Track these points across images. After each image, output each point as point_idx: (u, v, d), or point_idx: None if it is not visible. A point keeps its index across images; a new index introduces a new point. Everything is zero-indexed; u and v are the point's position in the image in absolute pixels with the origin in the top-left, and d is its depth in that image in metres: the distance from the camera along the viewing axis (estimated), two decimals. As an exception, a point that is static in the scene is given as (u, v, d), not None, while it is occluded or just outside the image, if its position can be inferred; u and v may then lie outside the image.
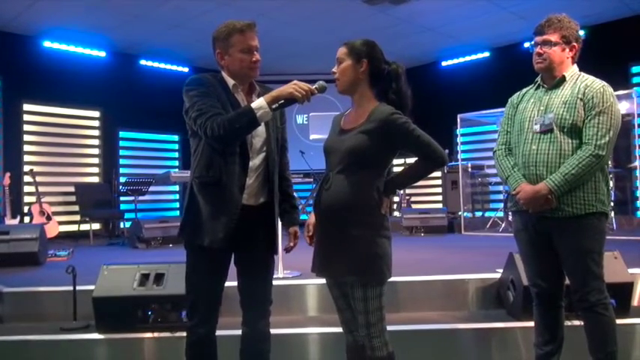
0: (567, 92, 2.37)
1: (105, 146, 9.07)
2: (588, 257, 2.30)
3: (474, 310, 3.63)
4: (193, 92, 2.15)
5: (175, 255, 5.56)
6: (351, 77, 2.09)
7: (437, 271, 4.03)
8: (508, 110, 2.61)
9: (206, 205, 2.14)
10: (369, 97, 2.11)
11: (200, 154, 2.17)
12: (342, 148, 2.05)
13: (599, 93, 2.30)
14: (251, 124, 2.08)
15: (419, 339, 3.19)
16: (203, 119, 2.06)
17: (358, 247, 1.97)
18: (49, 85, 8.22)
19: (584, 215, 2.29)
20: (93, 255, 6.01)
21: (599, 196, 2.31)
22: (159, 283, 3.30)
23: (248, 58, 2.21)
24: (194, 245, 2.17)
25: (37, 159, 8.28)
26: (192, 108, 2.11)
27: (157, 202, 9.48)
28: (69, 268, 3.43)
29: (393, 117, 2.00)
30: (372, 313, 1.99)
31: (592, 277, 2.30)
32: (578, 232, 2.30)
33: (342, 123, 2.16)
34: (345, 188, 2.01)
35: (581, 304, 2.34)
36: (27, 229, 5.31)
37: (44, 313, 3.64)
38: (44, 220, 7.28)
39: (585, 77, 2.39)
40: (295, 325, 3.38)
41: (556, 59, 2.39)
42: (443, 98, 9.54)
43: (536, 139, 2.39)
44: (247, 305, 2.29)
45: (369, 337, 2.00)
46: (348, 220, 1.99)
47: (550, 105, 2.39)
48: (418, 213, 7.96)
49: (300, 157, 8.41)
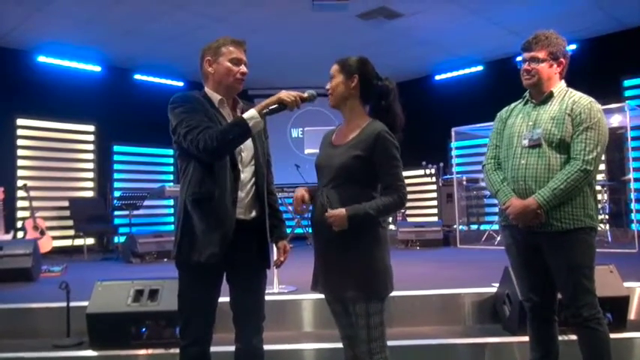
0: (555, 108, 2.40)
1: (99, 160, 9.05)
2: (579, 272, 2.31)
3: (469, 325, 3.61)
4: (179, 109, 2.15)
5: (170, 270, 5.49)
6: (342, 92, 2.11)
7: (432, 285, 4.02)
8: (497, 125, 2.63)
9: (200, 222, 2.13)
10: (360, 112, 2.13)
11: (191, 172, 2.16)
12: (334, 164, 2.06)
13: (587, 109, 2.33)
14: (244, 135, 2.09)
15: (415, 354, 3.18)
16: (194, 134, 2.06)
17: (359, 263, 1.97)
18: (43, 99, 8.21)
19: (573, 230, 2.31)
20: (87, 270, 5.96)
21: (587, 211, 2.34)
22: (153, 299, 3.27)
23: (236, 69, 2.24)
24: (188, 263, 2.15)
25: (31, 174, 8.25)
26: (180, 125, 2.11)
27: (151, 216, 9.43)
28: (62, 284, 3.39)
29: (383, 134, 2.02)
30: (374, 329, 2.00)
31: (584, 292, 2.31)
32: (568, 247, 2.32)
33: (333, 138, 2.18)
34: (341, 205, 2.01)
35: (574, 320, 2.34)
36: (20, 244, 5.27)
37: (37, 329, 3.60)
38: (38, 235, 7.24)
39: (573, 93, 2.43)
40: (290, 340, 3.35)
41: (544, 75, 2.43)
42: (437, 112, 9.58)
43: (525, 154, 2.41)
44: (240, 321, 2.27)
45: (369, 354, 2.00)
46: (345, 237, 1.99)
47: (538, 120, 2.42)
48: (413, 226, 7.96)
49: (295, 171, 8.41)
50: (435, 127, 9.08)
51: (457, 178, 8.37)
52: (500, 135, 2.58)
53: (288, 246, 2.39)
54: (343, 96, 2.12)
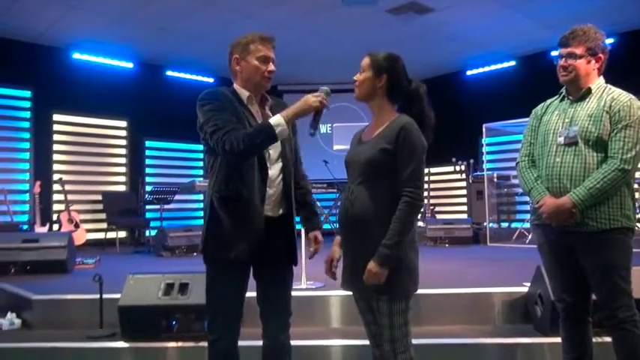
0: (593, 105, 2.33)
1: (131, 155, 9.23)
2: (615, 273, 2.24)
3: (499, 325, 3.55)
4: (207, 107, 2.16)
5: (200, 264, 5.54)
6: (368, 89, 2.10)
7: (462, 283, 3.96)
8: (532, 122, 2.57)
9: (228, 219, 2.14)
10: (388, 109, 2.11)
11: (218, 169, 2.18)
12: (361, 160, 2.05)
13: (627, 106, 2.25)
14: (270, 141, 2.10)
15: (443, 353, 3.14)
16: (220, 134, 2.08)
17: None
18: (78, 95, 8.41)
19: (609, 230, 2.24)
20: (119, 263, 6.09)
21: (624, 211, 2.27)
22: (183, 293, 3.32)
23: (264, 67, 2.24)
24: (217, 258, 2.17)
25: (66, 168, 8.47)
26: (207, 123, 2.13)
27: (181, 210, 9.57)
28: (96, 277, 3.48)
29: (408, 127, 1.99)
30: (398, 329, 1.98)
31: (620, 294, 2.24)
32: (603, 248, 2.25)
33: (362, 136, 2.16)
34: (367, 201, 2.00)
35: (610, 322, 2.28)
36: (56, 236, 5.40)
37: (71, 320, 3.70)
38: (72, 227, 7.42)
39: (612, 90, 2.35)
40: (318, 336, 3.35)
41: (581, 72, 2.35)
42: (468, 108, 9.44)
43: (560, 152, 2.35)
44: (267, 317, 2.29)
45: (393, 353, 1.99)
46: (373, 233, 1.97)
47: (575, 117, 2.35)
48: (442, 223, 7.87)
49: (323, 167, 8.41)
50: (466, 123, 8.95)
51: (488, 175, 8.24)
52: (534, 132, 2.52)
53: (320, 236, 2.39)
54: (369, 92, 2.10)
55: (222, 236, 2.15)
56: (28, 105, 8.17)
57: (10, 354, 3.30)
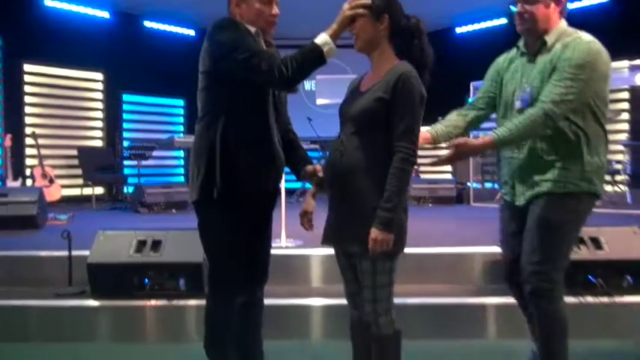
0: (546, 59, 2.06)
1: (108, 109, 8.92)
2: (549, 234, 2.03)
3: (481, 285, 3.50)
4: (227, 34, 1.91)
5: (177, 221, 5.50)
6: (370, 35, 1.90)
7: (444, 243, 3.91)
8: (491, 71, 2.35)
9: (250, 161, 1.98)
10: (389, 55, 1.93)
11: (231, 108, 1.97)
12: (356, 109, 1.88)
13: (574, 50, 1.98)
14: (319, 63, 1.90)
15: (424, 313, 3.10)
16: (262, 58, 1.85)
17: (371, 217, 1.80)
18: (50, 45, 8.01)
19: (562, 194, 2.03)
20: (94, 219, 5.92)
21: (585, 174, 2.03)
22: (156, 250, 3.19)
23: (267, 10, 2.02)
24: (230, 203, 1.98)
25: (39, 121, 8.16)
26: (236, 50, 1.86)
27: (160, 167, 9.38)
28: (64, 233, 3.34)
29: (407, 75, 1.82)
30: (380, 289, 1.86)
31: (544, 259, 2.03)
32: (548, 204, 2.04)
33: (360, 85, 1.99)
34: (358, 152, 1.85)
35: (526, 287, 2.08)
36: (26, 191, 5.22)
37: (41, 277, 3.56)
38: (46, 183, 7.19)
39: (568, 36, 2.06)
40: (298, 295, 3.27)
41: (540, 17, 2.07)
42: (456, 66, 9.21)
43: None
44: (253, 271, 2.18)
45: (374, 314, 1.88)
46: (364, 187, 1.84)
47: (529, 77, 2.10)
48: (426, 183, 7.80)
49: (307, 125, 8.22)
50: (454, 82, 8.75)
51: (473, 134, 8.12)
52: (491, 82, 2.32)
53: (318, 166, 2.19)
54: (372, 39, 1.91)
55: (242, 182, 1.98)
56: (-3, 54, 7.79)
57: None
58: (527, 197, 2.13)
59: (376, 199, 1.81)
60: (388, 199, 1.79)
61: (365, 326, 1.97)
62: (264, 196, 2.08)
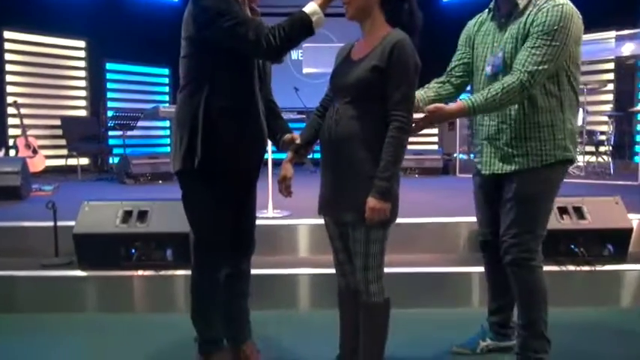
0: (517, 22, 2.02)
1: (91, 78, 8.76)
2: (525, 205, 2.04)
3: (466, 254, 3.55)
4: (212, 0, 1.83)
5: (163, 192, 5.47)
6: (362, 2, 1.87)
7: (430, 213, 3.94)
8: (463, 37, 2.31)
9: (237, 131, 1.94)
10: (381, 23, 1.90)
11: (217, 77, 1.91)
12: (352, 79, 1.86)
13: (548, 14, 1.93)
14: (307, 34, 1.86)
15: (410, 282, 3.14)
16: (249, 27, 1.79)
17: (367, 186, 1.81)
18: (31, 11, 7.77)
19: (539, 167, 2.04)
20: (79, 190, 5.87)
21: (558, 142, 2.03)
22: (142, 221, 3.18)
23: None
24: (218, 174, 1.96)
25: (21, 90, 7.98)
26: (221, 17, 1.79)
27: (146, 137, 9.27)
28: (49, 204, 3.31)
29: (402, 43, 1.81)
30: (373, 257, 1.88)
31: (522, 229, 2.05)
32: (524, 179, 2.05)
33: (351, 53, 1.96)
34: (353, 121, 1.84)
35: (505, 258, 2.10)
36: (8, 162, 5.15)
37: (26, 248, 3.53)
38: (30, 153, 7.09)
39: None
40: (285, 265, 3.29)
41: None
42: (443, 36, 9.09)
43: (488, 84, 2.06)
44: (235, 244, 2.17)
45: (365, 282, 1.90)
46: (359, 156, 1.84)
47: (501, 40, 2.07)
48: (413, 154, 7.78)
49: (293, 95, 8.14)
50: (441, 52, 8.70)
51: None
52: (464, 48, 2.28)
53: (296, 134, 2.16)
54: (364, 6, 1.88)
55: (224, 151, 1.94)
56: (-26, 21, 7.56)
57: (-41, 282, 3.15)
58: (499, 169, 2.13)
59: (372, 167, 1.82)
60: (385, 168, 1.80)
61: (353, 295, 2.00)
62: (248, 167, 2.06)
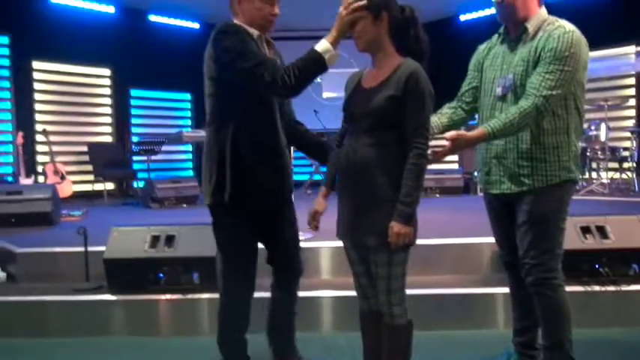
0: (527, 46, 2.09)
1: (117, 105, 8.99)
2: (540, 226, 2.09)
3: (489, 275, 3.55)
4: (231, 41, 1.94)
5: (188, 215, 5.58)
6: (372, 35, 1.93)
7: (452, 233, 3.94)
8: (473, 61, 2.37)
9: (262, 167, 2.05)
10: (391, 52, 1.97)
11: (240, 114, 2.02)
12: (368, 108, 1.92)
13: (558, 40, 1.99)
14: (321, 70, 1.95)
15: (433, 303, 3.14)
16: (265, 69, 1.88)
17: (388, 210, 1.86)
18: (58, 42, 8.06)
19: (546, 187, 2.09)
20: (107, 215, 6.02)
21: (563, 164, 2.09)
22: (170, 245, 3.27)
23: (268, 9, 2.06)
24: (244, 209, 2.06)
25: (50, 118, 8.24)
26: (240, 58, 1.91)
27: (169, 161, 9.45)
28: (80, 229, 3.42)
29: (417, 73, 1.87)
30: (395, 279, 1.93)
31: (540, 249, 2.09)
32: (534, 200, 2.10)
33: (362, 81, 2.02)
34: (371, 148, 1.90)
35: (528, 279, 2.13)
36: (40, 188, 5.30)
37: (57, 273, 3.64)
38: (58, 179, 7.30)
39: (549, 25, 2.08)
40: (308, 288, 3.32)
41: (519, 5, 2.09)
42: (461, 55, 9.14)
43: (498, 106, 2.14)
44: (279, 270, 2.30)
45: (388, 304, 1.94)
46: (378, 182, 1.89)
47: (511, 63, 2.13)
48: (433, 173, 7.80)
49: (313, 117, 8.24)
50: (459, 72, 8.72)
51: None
52: (477, 72, 2.33)
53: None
54: (374, 39, 1.94)
55: (248, 184, 2.04)
56: (6, 52, 7.84)
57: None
58: (508, 189, 2.17)
59: (391, 193, 1.87)
60: (407, 193, 1.85)
61: (375, 317, 2.03)
62: (275, 198, 2.13)
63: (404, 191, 1.85)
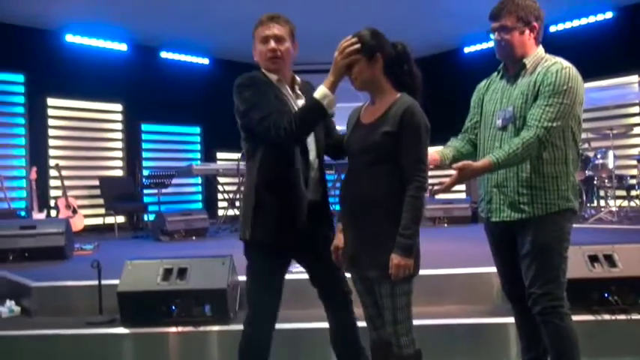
0: (525, 80, 2.18)
1: (128, 139, 9.16)
2: (544, 256, 2.13)
3: (499, 304, 3.55)
4: (248, 93, 2.11)
5: (198, 248, 5.63)
6: (368, 75, 2.02)
7: (461, 263, 3.95)
8: (474, 97, 2.46)
9: (276, 206, 2.15)
10: (388, 88, 2.05)
11: (261, 157, 2.15)
12: (364, 144, 2.00)
13: (556, 75, 2.08)
14: (322, 117, 2.07)
15: (443, 334, 3.15)
16: (270, 120, 2.03)
17: (387, 242, 1.92)
18: (72, 79, 8.30)
19: (544, 215, 2.14)
20: (118, 248, 6.08)
21: (561, 193, 2.14)
22: (182, 278, 3.31)
23: (264, 49, 2.18)
24: (263, 245, 2.17)
25: (62, 153, 8.42)
26: (252, 110, 2.08)
27: (179, 194, 9.55)
28: (94, 263, 3.46)
29: (412, 109, 1.94)
30: (400, 310, 1.96)
31: (546, 280, 2.12)
32: (536, 231, 2.14)
33: (361, 117, 2.11)
34: (370, 183, 1.97)
35: (534, 309, 2.16)
36: (53, 223, 5.39)
37: (71, 307, 3.69)
38: (70, 213, 7.40)
39: (547, 60, 2.18)
40: (317, 319, 3.33)
41: (516, 44, 2.18)
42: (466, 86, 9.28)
43: (498, 136, 2.22)
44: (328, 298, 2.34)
45: (395, 335, 1.98)
46: (377, 215, 1.95)
47: (511, 97, 2.21)
48: (441, 203, 7.83)
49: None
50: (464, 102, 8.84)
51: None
52: (478, 108, 2.41)
53: None
54: (370, 79, 2.03)
55: (268, 222, 2.16)
56: (21, 90, 8.08)
57: (9, 341, 3.31)
58: (508, 217, 2.22)
59: (390, 225, 1.93)
60: (406, 226, 1.90)
61: (385, 347, 2.06)
62: (292, 233, 2.16)
63: (403, 224, 1.91)
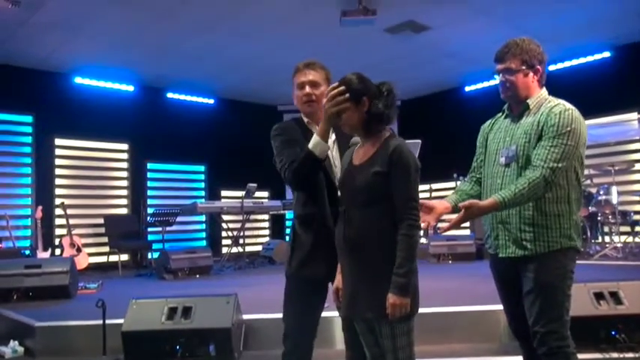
0: (529, 120, 2.23)
1: (133, 178, 9.24)
2: (547, 293, 2.12)
3: (506, 342, 3.52)
4: (277, 141, 2.34)
5: (202, 286, 5.61)
6: (356, 120, 2.07)
7: (466, 300, 3.94)
8: (480, 138, 2.52)
9: (307, 240, 2.28)
10: (375, 129, 2.09)
11: (297, 194, 2.36)
12: (355, 185, 2.04)
13: (559, 117, 2.14)
14: (315, 165, 2.20)
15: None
16: (283, 168, 2.26)
17: (384, 282, 1.93)
18: (79, 119, 8.45)
19: (547, 253, 2.15)
20: (122, 287, 6.07)
21: (564, 231, 2.16)
22: (187, 317, 3.31)
23: (300, 94, 2.37)
24: (296, 276, 2.30)
25: (68, 192, 8.48)
26: (277, 156, 2.32)
27: (183, 232, 9.56)
28: (99, 302, 3.46)
29: (400, 149, 1.99)
30: (401, 350, 1.96)
31: (549, 318, 2.11)
32: (538, 269, 2.15)
33: (353, 158, 2.16)
34: (363, 223, 2.00)
35: (540, 349, 2.14)
36: (58, 262, 5.38)
37: (75, 347, 3.68)
38: (74, 252, 7.41)
39: (550, 102, 2.24)
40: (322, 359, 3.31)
41: (520, 86, 2.25)
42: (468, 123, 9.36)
43: (501, 173, 2.27)
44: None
45: (398, 376, 1.96)
46: (373, 255, 1.97)
47: (514, 135, 2.27)
48: (445, 240, 7.83)
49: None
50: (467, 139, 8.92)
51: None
52: (483, 148, 2.47)
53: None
54: (358, 123, 2.07)
55: (302, 256, 2.28)
56: (29, 130, 8.22)
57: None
58: (513, 253, 2.23)
59: (384, 265, 1.94)
60: (401, 265, 1.91)
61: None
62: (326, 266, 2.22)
63: (397, 262, 1.92)
